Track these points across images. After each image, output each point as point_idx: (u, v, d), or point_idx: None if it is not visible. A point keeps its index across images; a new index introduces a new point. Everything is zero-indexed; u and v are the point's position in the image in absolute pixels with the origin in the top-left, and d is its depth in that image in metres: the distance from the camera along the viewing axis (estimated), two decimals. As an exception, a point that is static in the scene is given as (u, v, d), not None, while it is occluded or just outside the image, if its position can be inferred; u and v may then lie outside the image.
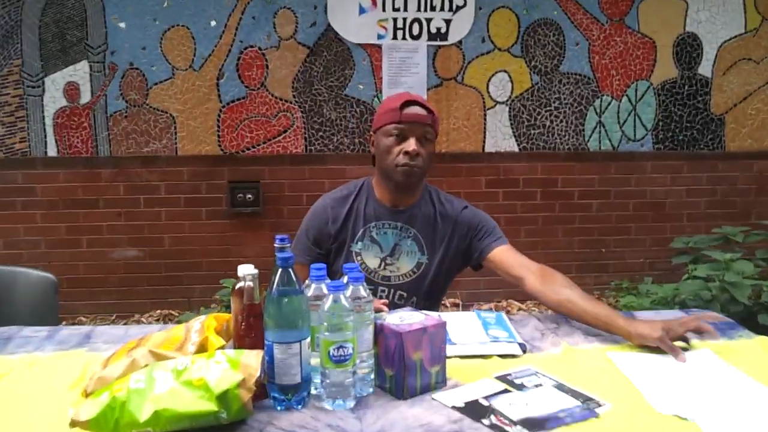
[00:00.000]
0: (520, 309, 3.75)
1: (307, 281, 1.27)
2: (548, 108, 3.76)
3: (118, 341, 1.49)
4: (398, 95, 1.77)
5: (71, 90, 3.49)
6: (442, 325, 1.24)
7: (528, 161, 3.79)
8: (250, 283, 1.29)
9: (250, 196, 3.60)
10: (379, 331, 1.22)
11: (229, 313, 1.38)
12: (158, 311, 3.66)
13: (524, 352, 1.42)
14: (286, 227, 1.69)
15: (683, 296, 2.97)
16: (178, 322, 2.02)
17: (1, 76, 3.44)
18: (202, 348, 1.24)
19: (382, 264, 1.81)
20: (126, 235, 3.63)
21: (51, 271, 1.92)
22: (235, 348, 1.25)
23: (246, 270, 1.31)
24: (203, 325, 1.31)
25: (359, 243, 1.81)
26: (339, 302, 1.14)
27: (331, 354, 1.13)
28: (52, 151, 3.52)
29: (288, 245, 1.30)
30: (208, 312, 2.39)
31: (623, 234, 3.92)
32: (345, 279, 1.24)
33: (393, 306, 1.75)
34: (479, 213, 1.86)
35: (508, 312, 3.64)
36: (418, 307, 1.70)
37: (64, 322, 3.56)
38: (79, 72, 3.48)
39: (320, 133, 3.64)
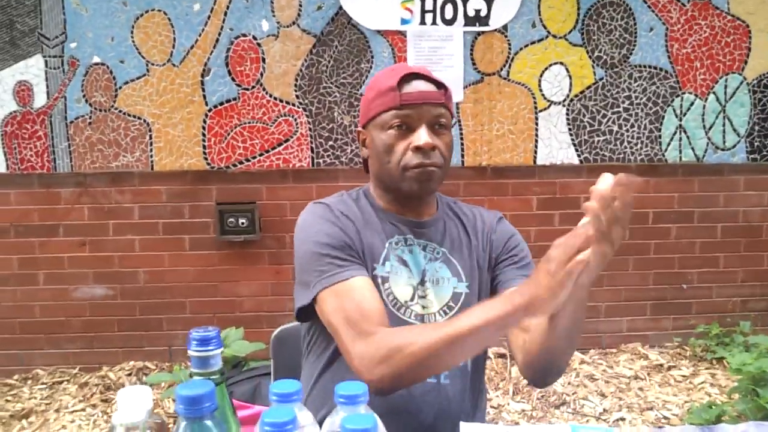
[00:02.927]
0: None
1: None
2: (616, 110, 3.05)
3: None
4: (391, 69, 1.28)
5: (22, 91, 2.86)
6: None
7: (590, 176, 3.10)
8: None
9: (243, 220, 2.98)
10: None
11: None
12: (131, 363, 3.02)
13: None
14: (289, 259, 1.20)
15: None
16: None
17: (-64, 75, 2.84)
18: None
19: (415, 295, 1.24)
20: (92, 269, 3.01)
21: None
22: None
23: (128, 411, 0.67)
24: None
25: (387, 264, 1.24)
26: None
27: None
28: (0, 167, 2.89)
29: (213, 351, 0.77)
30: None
31: (710, 266, 3.23)
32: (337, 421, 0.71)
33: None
34: (514, 231, 1.40)
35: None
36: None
37: (15, 376, 2.95)
38: (32, 69, 2.85)
39: (330, 143, 2.97)
